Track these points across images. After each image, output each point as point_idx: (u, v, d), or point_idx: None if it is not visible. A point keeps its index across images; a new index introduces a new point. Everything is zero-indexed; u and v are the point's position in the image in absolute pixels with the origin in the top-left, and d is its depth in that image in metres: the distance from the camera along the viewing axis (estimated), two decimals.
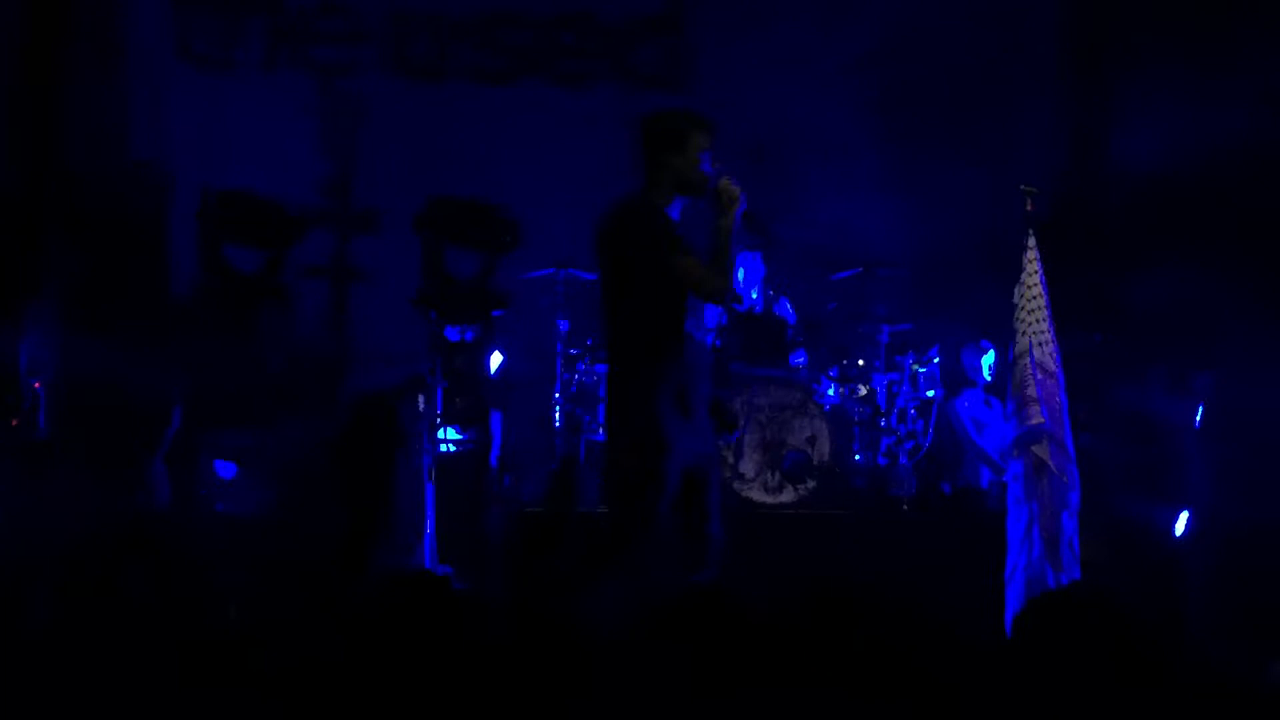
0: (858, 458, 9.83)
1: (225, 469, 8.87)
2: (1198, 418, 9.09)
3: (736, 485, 9.28)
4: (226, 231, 9.59)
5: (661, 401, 6.28)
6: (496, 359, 9.43)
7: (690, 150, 6.44)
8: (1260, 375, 9.05)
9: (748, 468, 9.32)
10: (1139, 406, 9.43)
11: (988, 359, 10.05)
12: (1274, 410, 8.95)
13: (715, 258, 6.38)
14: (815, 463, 9.33)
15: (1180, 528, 8.81)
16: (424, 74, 11.44)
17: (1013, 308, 7.13)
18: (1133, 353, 9.76)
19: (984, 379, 10.06)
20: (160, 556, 4.70)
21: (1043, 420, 6.97)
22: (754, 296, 10.19)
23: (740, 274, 10.21)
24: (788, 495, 9.31)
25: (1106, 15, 11.19)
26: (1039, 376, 6.98)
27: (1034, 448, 7.03)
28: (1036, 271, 7.05)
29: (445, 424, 8.87)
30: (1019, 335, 7.02)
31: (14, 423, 8.61)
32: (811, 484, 9.31)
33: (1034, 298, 7.06)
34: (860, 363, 9.96)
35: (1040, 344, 7.01)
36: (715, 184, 6.44)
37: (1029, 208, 7.16)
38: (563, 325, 9.96)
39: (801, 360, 9.92)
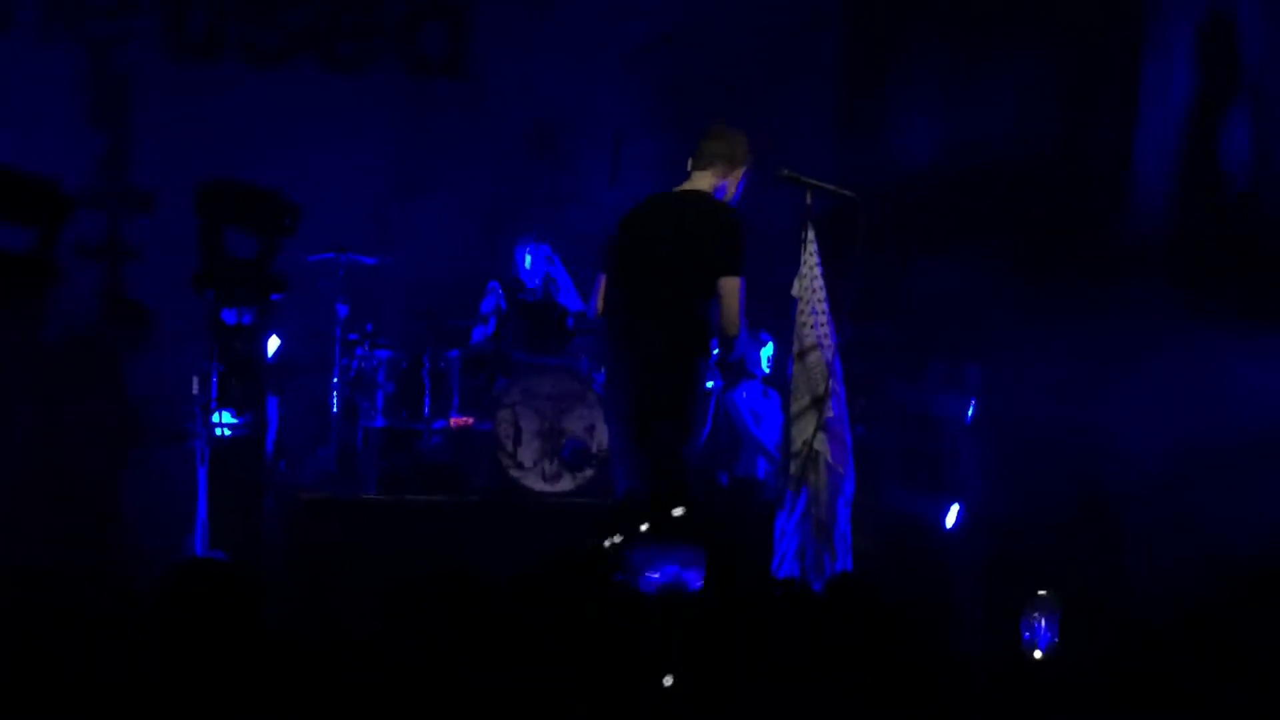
0: None
1: None
2: (970, 412, 9.29)
3: (514, 473, 9.27)
4: None
5: (704, 383, 7.30)
6: (274, 343, 9.30)
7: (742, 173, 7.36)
8: (1023, 371, 9.26)
9: (526, 455, 9.32)
10: (914, 400, 9.62)
11: (766, 351, 10.13)
12: (1037, 406, 9.18)
13: None
14: (594, 451, 9.36)
15: (951, 520, 8.99)
16: (199, 51, 11.21)
17: (790, 300, 7.20)
18: (908, 346, 9.92)
19: (762, 371, 10.14)
20: None
21: (834, 414, 7.08)
22: (537, 284, 10.20)
23: (527, 261, 10.21)
24: (566, 483, 9.35)
25: (885, 16, 11.37)
26: (827, 371, 7.06)
27: (814, 441, 7.11)
28: (816, 264, 7.12)
29: (220, 408, 8.71)
30: (805, 329, 7.08)
31: None
32: (590, 472, 9.35)
33: (816, 289, 7.12)
34: None
35: (823, 337, 7.10)
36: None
37: (809, 201, 7.21)
38: (342, 310, 9.85)
39: (582, 349, 9.94)
